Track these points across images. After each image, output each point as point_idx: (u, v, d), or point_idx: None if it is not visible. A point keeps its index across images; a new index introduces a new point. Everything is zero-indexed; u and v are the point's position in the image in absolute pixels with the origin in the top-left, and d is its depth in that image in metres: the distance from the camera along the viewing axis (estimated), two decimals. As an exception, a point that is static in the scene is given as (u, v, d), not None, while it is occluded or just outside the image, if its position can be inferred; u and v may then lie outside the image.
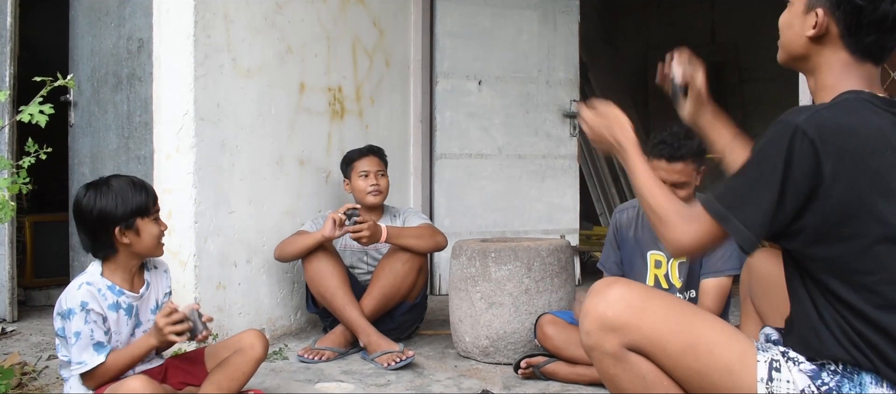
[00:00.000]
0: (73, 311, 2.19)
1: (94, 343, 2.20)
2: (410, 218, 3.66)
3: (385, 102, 4.55)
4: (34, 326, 3.87)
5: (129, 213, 2.25)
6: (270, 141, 3.65)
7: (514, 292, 3.11)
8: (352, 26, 4.22)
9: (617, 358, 1.67)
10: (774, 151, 1.49)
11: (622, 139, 1.82)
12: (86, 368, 2.20)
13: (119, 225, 2.24)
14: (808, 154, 1.46)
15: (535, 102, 5.15)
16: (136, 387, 2.11)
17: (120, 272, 2.31)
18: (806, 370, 1.56)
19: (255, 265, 3.57)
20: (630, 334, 1.65)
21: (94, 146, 3.65)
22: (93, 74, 3.65)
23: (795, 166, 1.47)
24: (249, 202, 3.53)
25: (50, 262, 4.49)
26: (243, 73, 3.49)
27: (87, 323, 2.19)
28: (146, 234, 2.29)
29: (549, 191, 5.19)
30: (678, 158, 2.76)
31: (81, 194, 2.28)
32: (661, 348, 1.64)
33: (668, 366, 1.65)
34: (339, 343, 3.33)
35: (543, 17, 5.16)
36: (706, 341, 1.62)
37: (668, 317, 1.65)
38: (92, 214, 2.24)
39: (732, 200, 1.55)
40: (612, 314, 1.66)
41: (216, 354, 2.50)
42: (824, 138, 1.46)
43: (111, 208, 2.23)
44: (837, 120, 1.50)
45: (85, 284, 2.23)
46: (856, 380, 1.52)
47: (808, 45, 1.65)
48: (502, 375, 3.02)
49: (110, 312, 2.26)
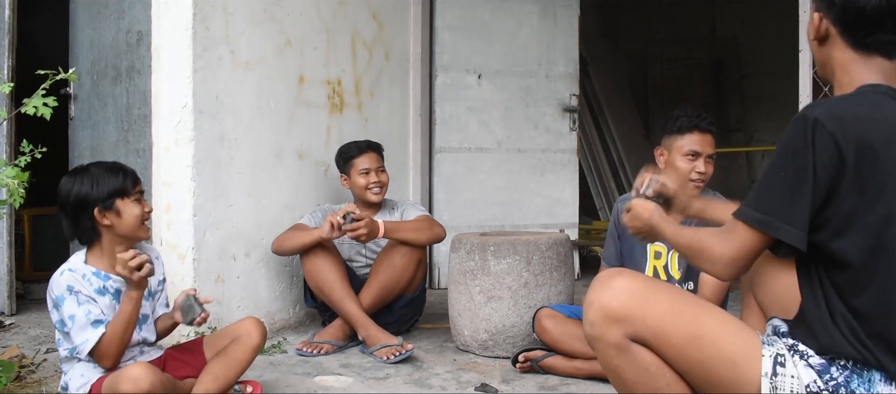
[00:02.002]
0: (61, 297, 2.22)
1: (92, 321, 2.22)
2: (408, 210, 3.65)
3: (384, 96, 4.54)
4: (32, 319, 3.87)
5: (107, 194, 2.27)
6: (269, 134, 3.64)
7: (513, 286, 3.11)
8: (351, 19, 4.21)
9: (620, 349, 1.67)
10: (799, 147, 1.49)
11: (650, 220, 1.92)
12: (89, 346, 2.21)
13: (97, 206, 2.26)
14: (829, 146, 1.46)
15: (534, 97, 5.15)
16: (138, 373, 2.12)
17: (106, 258, 2.32)
18: (815, 364, 1.55)
19: (254, 259, 3.56)
20: (634, 324, 1.65)
21: (93, 139, 3.64)
22: (92, 67, 3.64)
23: (819, 159, 1.47)
24: (248, 195, 3.53)
25: (48, 255, 4.47)
26: (242, 66, 3.48)
27: (80, 304, 2.22)
28: (127, 214, 2.31)
29: (549, 185, 5.19)
30: (708, 129, 2.86)
31: (62, 182, 2.30)
32: (664, 340, 1.64)
33: (672, 357, 1.65)
34: (338, 337, 3.33)
35: (543, 10, 5.15)
36: (710, 333, 1.62)
37: (673, 308, 1.65)
38: (70, 198, 2.28)
39: (771, 205, 1.53)
40: (617, 305, 1.65)
41: (215, 343, 2.51)
42: (844, 129, 1.46)
43: (87, 190, 2.26)
44: (854, 110, 1.50)
45: (67, 271, 2.27)
46: (865, 377, 1.51)
47: (818, 49, 1.68)
48: (501, 368, 3.02)
49: (98, 296, 2.27)
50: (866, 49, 1.60)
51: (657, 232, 1.92)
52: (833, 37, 1.63)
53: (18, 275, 4.15)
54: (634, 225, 1.99)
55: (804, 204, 1.49)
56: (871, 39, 1.59)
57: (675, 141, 2.88)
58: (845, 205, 1.48)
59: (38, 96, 2.21)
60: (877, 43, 1.59)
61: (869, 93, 1.56)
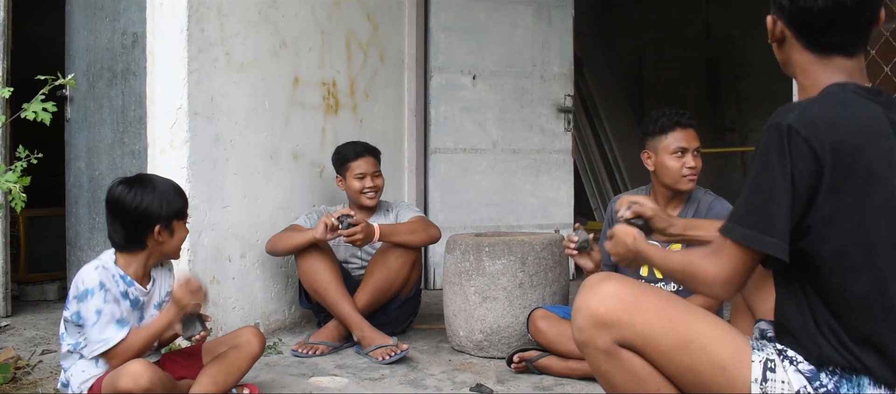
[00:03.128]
0: (91, 291, 2.23)
1: (116, 320, 2.25)
2: (403, 212, 3.66)
3: (379, 97, 4.55)
4: (28, 321, 3.87)
5: (172, 214, 2.34)
6: (264, 135, 3.64)
7: (508, 287, 3.12)
8: (346, 20, 4.22)
9: (609, 354, 1.66)
10: (774, 156, 1.47)
11: (633, 245, 1.91)
12: (109, 345, 2.23)
13: (160, 224, 2.31)
14: (805, 152, 1.44)
15: (529, 97, 5.16)
16: (137, 370, 2.13)
17: (134, 266, 2.36)
18: (804, 371, 1.54)
19: (249, 260, 3.57)
20: (622, 330, 1.64)
21: (89, 141, 3.65)
22: (88, 69, 3.64)
23: (796, 168, 1.45)
24: (243, 197, 3.53)
25: (44, 257, 4.47)
26: (237, 68, 3.48)
27: (106, 302, 2.24)
28: (178, 237, 2.39)
29: (544, 186, 5.20)
30: (689, 125, 2.91)
31: (125, 190, 2.32)
32: (653, 345, 1.63)
33: (661, 363, 1.64)
34: (333, 337, 3.33)
35: (538, 11, 5.16)
36: (699, 338, 1.61)
37: (661, 313, 1.64)
38: (137, 209, 2.30)
39: (752, 218, 1.50)
40: (605, 311, 1.65)
41: (213, 349, 2.53)
42: (818, 135, 1.44)
43: (156, 207, 2.31)
44: (827, 114, 1.48)
45: (101, 267, 2.29)
46: (854, 382, 1.51)
47: (778, 51, 1.68)
48: (496, 369, 3.03)
49: (121, 299, 2.30)
50: (823, 50, 1.58)
51: (643, 257, 1.91)
52: (789, 39, 1.62)
53: (14, 276, 4.14)
54: (618, 251, 1.97)
55: (784, 214, 1.47)
56: (826, 41, 1.57)
57: (659, 142, 2.91)
58: (824, 211, 1.47)
59: (38, 101, 2.22)
60: (833, 44, 1.57)
61: (837, 92, 1.54)
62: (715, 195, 2.98)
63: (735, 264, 1.54)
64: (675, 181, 2.88)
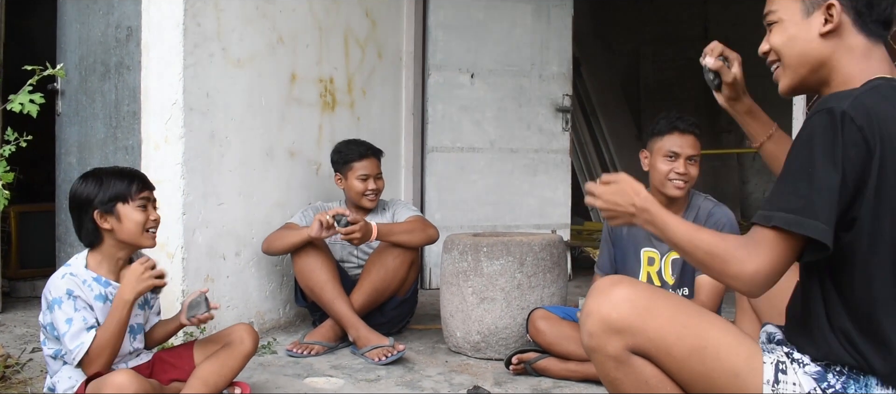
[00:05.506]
0: (58, 300, 2.18)
1: (87, 327, 2.18)
2: (400, 211, 3.62)
3: (377, 94, 4.51)
4: (18, 317, 3.82)
5: (109, 197, 2.25)
6: (260, 132, 3.60)
7: (506, 287, 3.09)
8: (344, 17, 4.18)
9: (620, 361, 1.62)
10: (825, 141, 1.42)
11: (640, 202, 1.64)
12: (84, 350, 2.16)
13: (98, 209, 2.24)
14: (858, 141, 1.41)
15: (527, 96, 5.13)
16: (122, 381, 2.08)
17: (106, 263, 2.29)
18: (811, 372, 1.53)
19: (244, 258, 3.52)
20: (635, 336, 1.59)
21: (81, 135, 3.60)
22: (80, 63, 3.60)
23: (847, 154, 1.41)
24: (239, 194, 3.49)
25: (35, 252, 4.43)
26: (234, 63, 3.44)
27: (76, 310, 2.18)
28: (128, 220, 2.26)
29: (541, 185, 5.17)
30: (689, 131, 2.86)
31: (77, 182, 2.30)
32: (665, 351, 1.59)
33: (673, 369, 1.60)
34: (329, 337, 3.30)
35: (537, 10, 5.13)
36: (713, 344, 1.57)
37: (674, 319, 1.60)
38: (74, 197, 2.28)
39: (797, 203, 1.43)
40: (617, 316, 1.60)
41: (205, 347, 2.48)
42: (871, 125, 1.41)
43: (90, 192, 2.25)
44: (879, 106, 1.45)
45: (68, 275, 2.23)
46: (862, 382, 1.49)
47: (822, 44, 1.59)
48: (493, 370, 3.00)
49: (96, 302, 2.24)
50: (873, 34, 1.58)
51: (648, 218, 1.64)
52: (845, 26, 1.58)
53: (4, 272, 4.11)
54: (613, 201, 1.67)
55: (832, 200, 1.41)
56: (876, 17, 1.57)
57: (655, 143, 2.90)
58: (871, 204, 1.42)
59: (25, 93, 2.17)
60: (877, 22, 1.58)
61: (884, 87, 1.51)
62: (715, 201, 2.95)
63: (774, 257, 1.46)
64: (660, 184, 2.86)
